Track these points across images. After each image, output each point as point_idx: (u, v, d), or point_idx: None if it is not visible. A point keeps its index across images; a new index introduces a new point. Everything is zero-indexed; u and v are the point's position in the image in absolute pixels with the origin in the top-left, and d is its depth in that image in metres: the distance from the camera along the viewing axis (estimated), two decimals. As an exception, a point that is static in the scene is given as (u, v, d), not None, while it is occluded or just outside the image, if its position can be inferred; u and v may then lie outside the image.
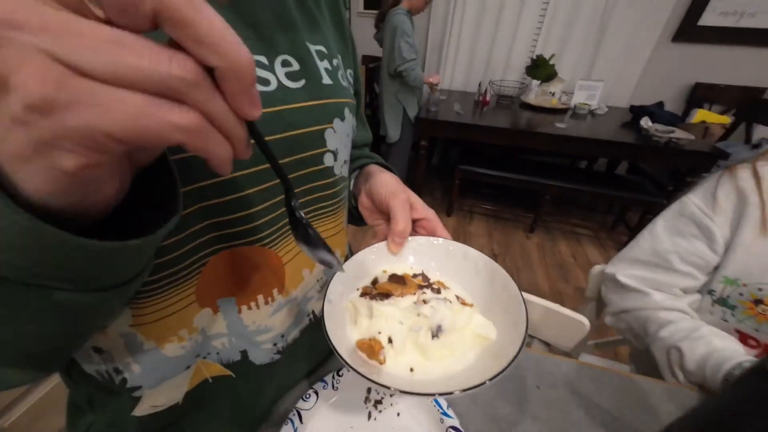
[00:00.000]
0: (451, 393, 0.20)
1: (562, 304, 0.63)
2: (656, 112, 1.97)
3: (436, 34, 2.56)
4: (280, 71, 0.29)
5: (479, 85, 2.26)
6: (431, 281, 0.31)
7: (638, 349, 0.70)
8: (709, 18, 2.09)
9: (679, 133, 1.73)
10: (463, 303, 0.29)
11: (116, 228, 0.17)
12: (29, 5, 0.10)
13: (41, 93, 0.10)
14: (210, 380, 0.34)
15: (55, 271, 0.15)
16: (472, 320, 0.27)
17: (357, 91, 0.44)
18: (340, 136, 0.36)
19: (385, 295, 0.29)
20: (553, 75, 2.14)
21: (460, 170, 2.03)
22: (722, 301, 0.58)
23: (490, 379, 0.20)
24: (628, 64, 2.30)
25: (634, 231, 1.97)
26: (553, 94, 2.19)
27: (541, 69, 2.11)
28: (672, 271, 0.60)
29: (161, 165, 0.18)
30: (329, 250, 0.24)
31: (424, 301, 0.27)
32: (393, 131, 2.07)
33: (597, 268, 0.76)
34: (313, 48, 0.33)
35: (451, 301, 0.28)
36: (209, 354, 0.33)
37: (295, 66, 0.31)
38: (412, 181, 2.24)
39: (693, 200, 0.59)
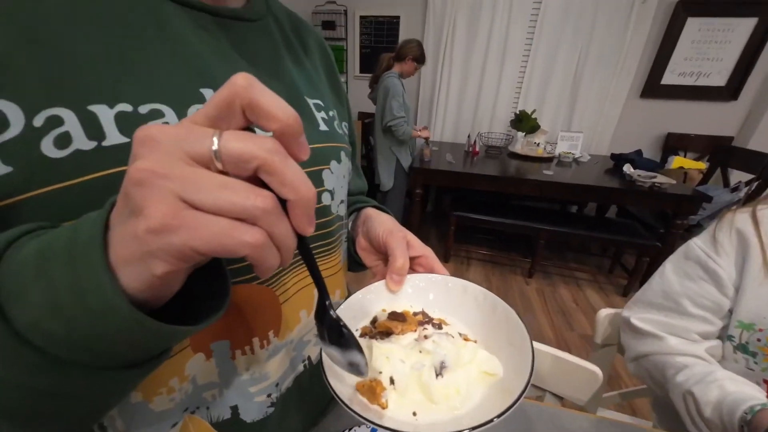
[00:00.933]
0: (460, 432, 0.18)
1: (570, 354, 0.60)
2: (636, 159, 2.08)
3: (426, 93, 2.81)
4: None
5: (468, 136, 2.41)
6: (432, 318, 0.30)
7: (660, 398, 0.64)
8: (670, 78, 2.34)
9: (660, 179, 1.81)
10: (466, 339, 0.28)
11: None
12: (175, 164, 0.14)
13: (161, 221, 0.13)
14: None
15: (135, 353, 0.18)
16: (477, 355, 0.25)
17: (352, 143, 0.47)
18: (336, 177, 0.38)
19: (386, 333, 0.27)
20: (537, 127, 2.30)
21: (456, 217, 2.07)
22: (743, 348, 0.54)
23: (499, 416, 0.19)
24: (603, 117, 2.50)
25: (632, 274, 1.95)
26: (538, 144, 2.33)
27: (524, 122, 2.27)
28: (686, 316, 0.58)
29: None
30: (361, 351, 0.24)
31: (426, 337, 0.26)
32: (386, 180, 2.17)
33: (603, 313, 0.73)
34: (310, 101, 0.37)
35: (453, 336, 0.27)
36: (198, 408, 0.30)
37: None
38: (407, 227, 2.24)
39: (697, 243, 0.59)
